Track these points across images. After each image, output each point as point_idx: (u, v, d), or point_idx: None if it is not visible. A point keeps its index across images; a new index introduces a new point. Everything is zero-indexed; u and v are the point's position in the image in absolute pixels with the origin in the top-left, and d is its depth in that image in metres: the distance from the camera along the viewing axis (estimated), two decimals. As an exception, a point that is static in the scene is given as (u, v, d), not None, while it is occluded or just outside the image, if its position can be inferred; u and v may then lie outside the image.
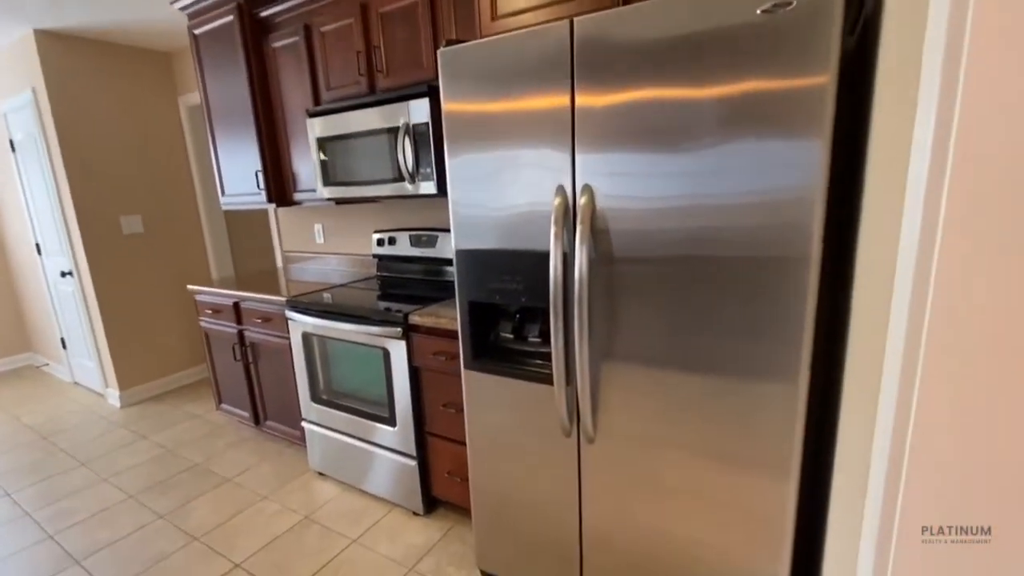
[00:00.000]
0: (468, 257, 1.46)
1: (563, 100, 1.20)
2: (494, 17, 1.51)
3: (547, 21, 1.43)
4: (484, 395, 1.53)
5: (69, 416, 3.39)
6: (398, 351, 1.99)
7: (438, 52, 1.36)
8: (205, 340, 2.94)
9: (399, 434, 2.09)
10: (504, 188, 1.34)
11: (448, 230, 2.46)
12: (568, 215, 1.24)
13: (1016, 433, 0.52)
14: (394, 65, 2.12)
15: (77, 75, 3.19)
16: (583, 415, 1.31)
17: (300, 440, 2.55)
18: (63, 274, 3.53)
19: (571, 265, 1.25)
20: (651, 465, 1.28)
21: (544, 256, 1.29)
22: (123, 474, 2.62)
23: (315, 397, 2.38)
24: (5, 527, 2.25)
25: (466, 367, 1.54)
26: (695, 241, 1.11)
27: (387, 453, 2.16)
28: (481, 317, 1.53)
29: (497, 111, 1.31)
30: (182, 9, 2.71)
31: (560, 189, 1.24)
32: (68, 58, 3.14)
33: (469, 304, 1.49)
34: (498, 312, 1.57)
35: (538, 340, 1.49)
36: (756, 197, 1.03)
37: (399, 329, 1.94)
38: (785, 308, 1.04)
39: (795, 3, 0.92)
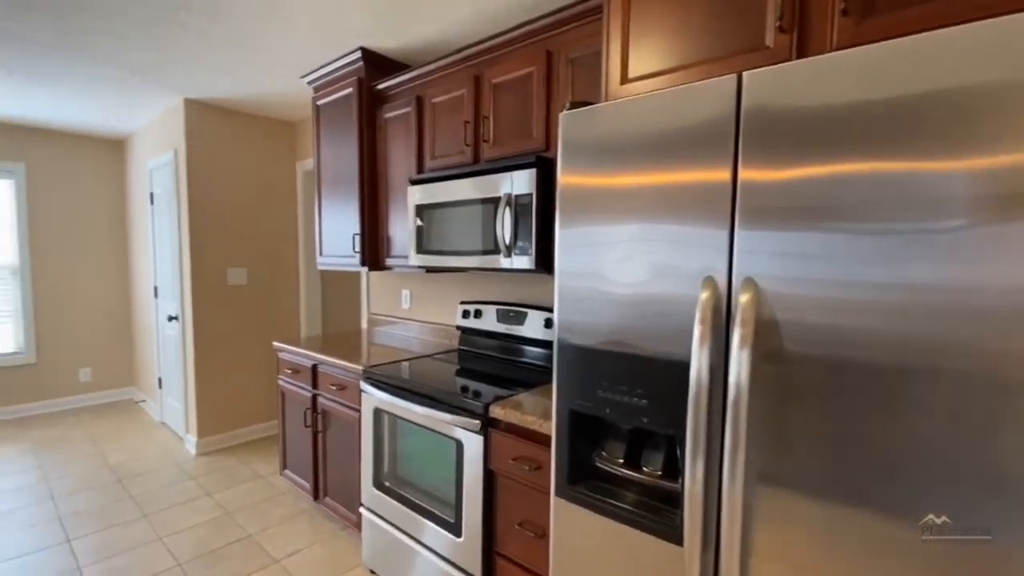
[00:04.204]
0: (573, 354, 1.18)
1: (722, 175, 0.94)
2: (624, 80, 1.32)
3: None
4: (578, 534, 1.19)
5: (148, 459, 3.41)
6: (473, 445, 1.71)
7: (560, 115, 1.17)
8: (281, 399, 2.86)
9: (464, 547, 1.76)
10: (628, 270, 1.08)
11: (537, 307, 2.26)
12: (719, 314, 0.94)
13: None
14: (501, 135, 2.02)
15: (212, 138, 3.49)
16: (721, 594, 0.93)
17: (356, 526, 2.29)
18: (170, 318, 3.72)
19: (717, 379, 0.93)
20: None
21: (677, 366, 0.98)
22: (179, 535, 2.50)
23: (377, 482, 2.14)
24: (56, 580, 2.16)
25: (557, 494, 1.22)
26: (915, 346, 0.77)
27: (447, 567, 1.82)
28: (582, 431, 1.22)
29: (625, 184, 1.08)
30: (310, 83, 2.88)
31: (709, 282, 0.95)
32: (207, 123, 3.45)
33: (569, 413, 1.19)
34: (605, 427, 1.25)
35: (659, 474, 1.14)
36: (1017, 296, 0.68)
37: (477, 421, 1.68)
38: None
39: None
